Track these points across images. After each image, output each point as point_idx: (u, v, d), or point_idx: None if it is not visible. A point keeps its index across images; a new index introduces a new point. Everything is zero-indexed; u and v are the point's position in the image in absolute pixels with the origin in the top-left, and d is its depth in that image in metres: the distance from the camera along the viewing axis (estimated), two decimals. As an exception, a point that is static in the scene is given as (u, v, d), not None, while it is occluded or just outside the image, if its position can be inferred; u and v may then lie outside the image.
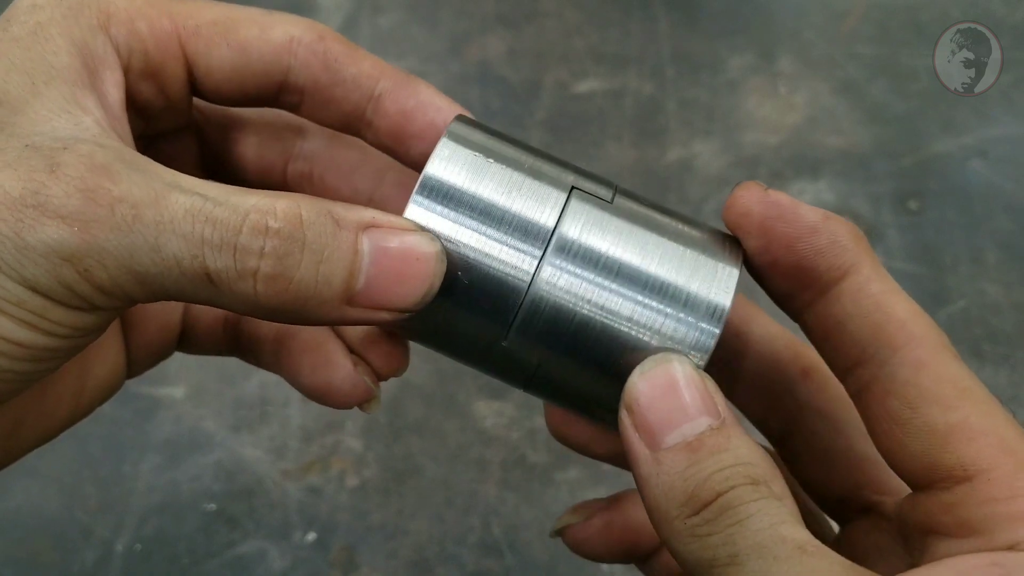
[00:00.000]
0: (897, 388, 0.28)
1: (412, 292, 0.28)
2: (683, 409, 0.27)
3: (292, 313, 0.27)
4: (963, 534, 0.27)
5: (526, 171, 0.30)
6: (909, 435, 0.28)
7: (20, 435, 0.33)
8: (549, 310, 0.29)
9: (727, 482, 0.26)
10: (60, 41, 0.29)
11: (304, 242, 0.26)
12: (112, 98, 0.30)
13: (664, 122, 0.80)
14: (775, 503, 0.26)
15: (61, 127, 0.27)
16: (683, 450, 0.27)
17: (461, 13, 0.90)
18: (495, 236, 0.29)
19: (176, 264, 0.25)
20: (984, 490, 0.26)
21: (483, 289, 0.29)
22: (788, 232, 0.30)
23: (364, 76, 0.33)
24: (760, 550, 0.25)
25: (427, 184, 0.29)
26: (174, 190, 0.26)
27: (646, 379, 0.28)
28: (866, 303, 0.29)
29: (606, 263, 0.29)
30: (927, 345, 0.29)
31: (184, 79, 0.33)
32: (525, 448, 0.60)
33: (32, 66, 0.28)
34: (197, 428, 0.61)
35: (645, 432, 0.27)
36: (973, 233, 0.72)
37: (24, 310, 0.25)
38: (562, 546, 0.38)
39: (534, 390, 0.32)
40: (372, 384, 0.35)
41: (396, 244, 0.28)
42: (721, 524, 0.26)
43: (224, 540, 0.57)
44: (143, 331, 0.37)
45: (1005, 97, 0.81)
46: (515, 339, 0.30)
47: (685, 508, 0.26)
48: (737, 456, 0.27)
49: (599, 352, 0.29)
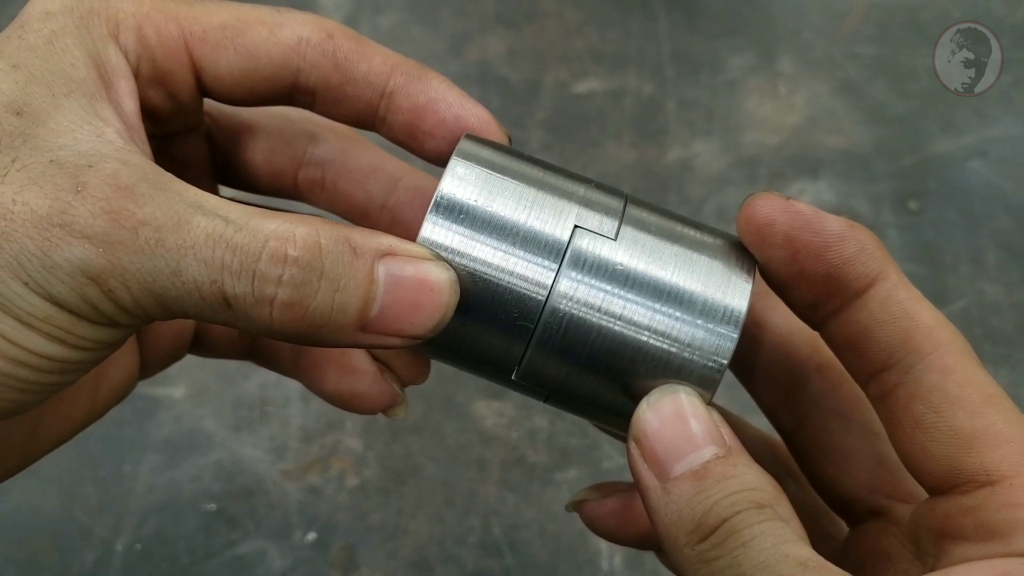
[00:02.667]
0: (923, 393, 0.29)
1: (425, 321, 0.28)
2: (690, 439, 0.28)
3: (306, 337, 0.27)
4: (980, 538, 0.27)
5: (538, 186, 0.30)
6: (933, 439, 0.28)
7: (38, 438, 0.33)
8: (567, 323, 0.29)
9: (732, 507, 0.27)
10: (76, 52, 0.29)
11: (322, 271, 0.26)
12: (128, 108, 0.30)
13: (664, 122, 0.80)
14: (779, 524, 0.27)
15: (83, 140, 0.27)
16: (690, 478, 0.27)
17: (461, 13, 0.89)
18: (510, 252, 0.29)
19: (196, 288, 0.26)
20: (1006, 495, 0.27)
21: (500, 305, 0.29)
22: (816, 241, 0.30)
23: (375, 73, 0.33)
24: (764, 568, 0.26)
25: (441, 203, 0.30)
26: (196, 212, 0.26)
27: (653, 410, 0.29)
28: (894, 309, 0.30)
29: (621, 274, 0.29)
30: (954, 352, 0.29)
31: (192, 84, 0.33)
32: (525, 448, 0.60)
33: (51, 77, 0.28)
34: (197, 428, 0.61)
35: (653, 462, 0.28)
36: (973, 233, 0.72)
37: (52, 325, 0.25)
38: (562, 546, 0.38)
39: (555, 402, 0.32)
40: (399, 389, 0.35)
41: (411, 273, 0.28)
42: (727, 548, 0.26)
43: (224, 540, 0.57)
44: (157, 335, 0.37)
45: (1005, 97, 0.81)
46: (534, 353, 0.30)
47: (693, 535, 0.27)
48: (743, 482, 0.27)
49: (618, 362, 0.30)
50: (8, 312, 0.25)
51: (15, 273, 0.25)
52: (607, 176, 0.71)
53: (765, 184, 0.76)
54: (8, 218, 0.25)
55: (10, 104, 0.27)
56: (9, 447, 0.32)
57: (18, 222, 0.25)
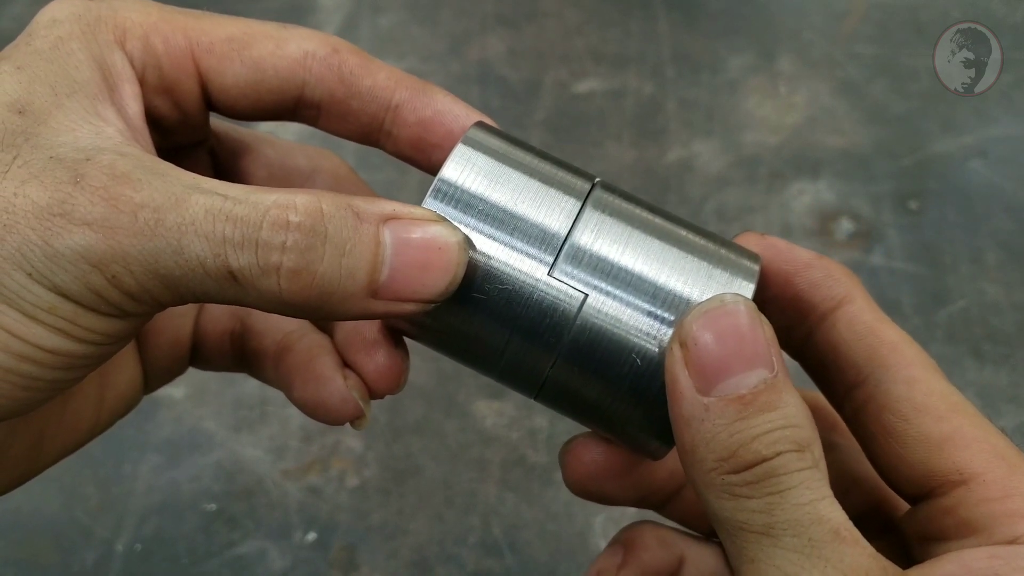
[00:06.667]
0: (892, 404, 0.30)
1: (437, 281, 0.28)
2: (742, 357, 0.26)
3: (318, 308, 0.27)
4: (963, 534, 0.28)
5: (541, 177, 0.30)
6: (906, 446, 0.30)
7: (43, 448, 0.33)
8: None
9: (774, 447, 0.26)
10: (81, 56, 0.29)
11: (326, 235, 0.26)
12: (131, 110, 0.30)
13: (664, 122, 0.80)
14: (818, 475, 0.26)
15: (83, 137, 0.27)
16: (735, 403, 0.26)
17: (461, 13, 0.90)
18: (507, 241, 0.29)
19: (200, 265, 0.26)
20: (980, 491, 0.28)
21: (495, 293, 0.29)
22: (786, 268, 0.33)
23: (380, 87, 0.33)
24: (797, 527, 0.25)
25: (440, 189, 0.29)
26: (194, 192, 0.26)
27: (709, 318, 0.27)
28: (859, 328, 0.32)
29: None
30: (918, 365, 0.30)
31: (199, 95, 0.33)
32: (525, 448, 0.60)
33: (55, 79, 0.28)
34: (197, 428, 0.61)
35: (698, 373, 0.27)
36: (973, 233, 0.72)
37: (56, 316, 0.25)
38: (562, 546, 0.37)
39: (543, 398, 0.32)
40: (361, 400, 0.35)
41: (418, 235, 0.28)
42: (761, 490, 0.26)
43: (224, 540, 0.57)
44: (156, 344, 0.37)
45: (1005, 97, 0.81)
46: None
47: (724, 463, 0.26)
48: (786, 416, 0.26)
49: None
50: (12, 304, 0.25)
51: (18, 264, 0.25)
52: (607, 176, 0.71)
53: (765, 184, 0.76)
54: (10, 211, 0.25)
55: (13, 104, 0.27)
56: (12, 457, 0.32)
57: (20, 214, 0.25)
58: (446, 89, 0.35)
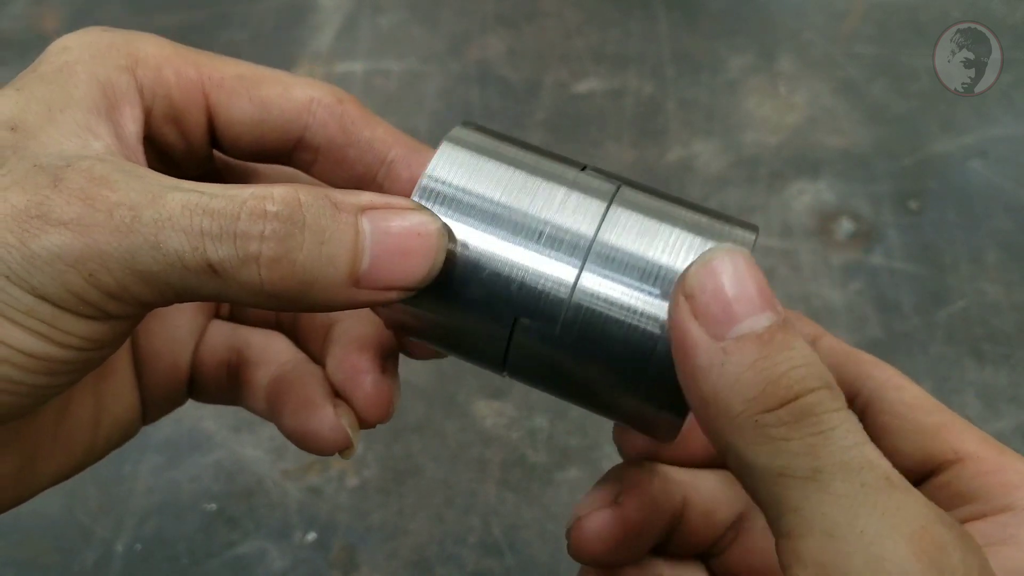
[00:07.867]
0: (887, 407, 0.33)
1: (417, 268, 0.28)
2: (750, 300, 0.25)
3: (301, 298, 0.27)
4: (960, 504, 0.30)
5: (526, 170, 0.30)
6: (904, 438, 0.32)
7: (35, 469, 0.33)
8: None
9: (805, 382, 0.24)
10: (83, 75, 0.30)
11: (304, 223, 0.26)
12: (128, 130, 0.30)
13: (664, 122, 0.80)
14: (853, 418, 0.25)
15: (69, 148, 0.27)
16: (754, 340, 0.25)
17: (461, 13, 0.90)
18: (495, 232, 0.29)
19: (178, 259, 0.26)
20: (974, 466, 0.30)
21: (481, 285, 0.29)
22: None
23: (378, 140, 0.34)
24: (846, 471, 0.24)
25: (425, 186, 0.30)
26: (171, 190, 0.26)
27: (710, 267, 0.26)
28: (840, 354, 0.35)
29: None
30: (899, 376, 0.34)
31: (205, 127, 0.33)
32: (525, 448, 0.60)
33: (52, 97, 0.29)
34: (197, 428, 0.61)
35: (708, 320, 0.26)
36: (973, 233, 0.72)
37: (34, 319, 0.25)
38: (562, 546, 0.37)
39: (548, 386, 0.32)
40: (351, 429, 0.35)
41: (397, 222, 0.28)
42: (801, 430, 0.24)
43: (224, 540, 0.57)
44: (153, 370, 0.37)
45: (1005, 97, 0.81)
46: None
47: (755, 403, 0.24)
48: (805, 356, 0.25)
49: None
50: None
51: None
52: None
53: (765, 184, 0.76)
54: None
55: (6, 121, 0.28)
56: (3, 475, 0.32)
57: None
58: (445, 89, 0.35)
